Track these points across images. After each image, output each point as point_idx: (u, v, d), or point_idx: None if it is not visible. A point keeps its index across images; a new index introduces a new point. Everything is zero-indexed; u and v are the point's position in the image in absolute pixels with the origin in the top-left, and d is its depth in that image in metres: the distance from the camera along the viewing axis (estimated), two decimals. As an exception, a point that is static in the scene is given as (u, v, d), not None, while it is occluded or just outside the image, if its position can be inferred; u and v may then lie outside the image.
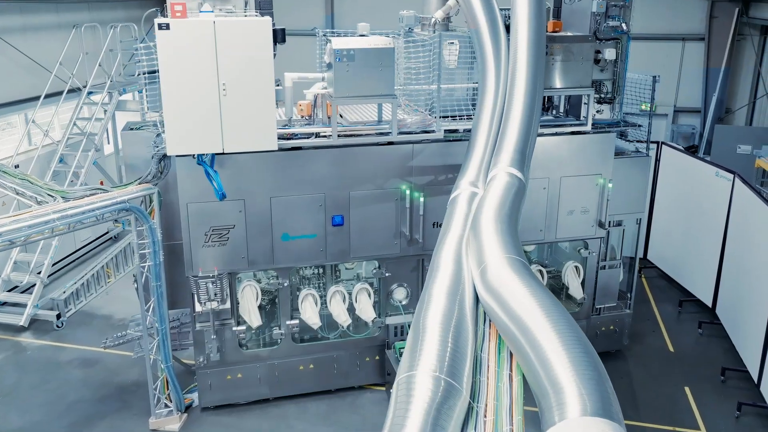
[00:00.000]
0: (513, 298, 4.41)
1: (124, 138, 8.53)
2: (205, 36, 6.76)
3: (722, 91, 16.38)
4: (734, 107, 16.77)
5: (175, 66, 6.80)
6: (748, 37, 16.27)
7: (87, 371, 10.40)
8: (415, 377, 3.91)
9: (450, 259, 5.64)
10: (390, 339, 9.46)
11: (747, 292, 10.08)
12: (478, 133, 7.90)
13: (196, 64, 6.84)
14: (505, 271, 4.78)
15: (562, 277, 9.93)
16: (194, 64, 6.84)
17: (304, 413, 9.32)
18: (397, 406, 3.77)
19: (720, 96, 16.37)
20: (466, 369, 4.06)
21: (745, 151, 15.22)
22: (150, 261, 8.31)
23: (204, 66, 6.86)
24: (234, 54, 6.86)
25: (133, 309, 12.06)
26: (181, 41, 6.73)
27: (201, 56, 6.84)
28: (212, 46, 6.80)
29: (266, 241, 8.59)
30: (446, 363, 3.98)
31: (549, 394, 3.67)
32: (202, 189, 8.20)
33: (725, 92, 16.48)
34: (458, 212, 6.76)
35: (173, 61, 6.79)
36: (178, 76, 6.84)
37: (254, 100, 7.05)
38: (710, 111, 16.26)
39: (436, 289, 5.00)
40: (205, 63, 6.85)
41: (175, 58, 6.78)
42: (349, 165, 8.53)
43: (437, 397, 3.74)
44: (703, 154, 16.07)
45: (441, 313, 4.56)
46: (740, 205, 10.54)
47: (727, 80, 16.36)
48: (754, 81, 16.15)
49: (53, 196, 7.72)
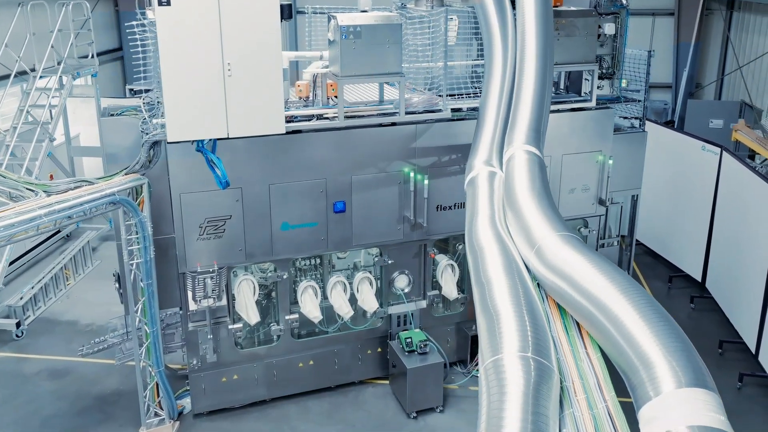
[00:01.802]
0: (581, 276, 4.58)
1: (104, 125, 8.25)
2: (209, 12, 6.61)
3: (692, 67, 17.20)
4: (704, 82, 17.64)
5: (176, 45, 6.63)
6: (717, 12, 17.11)
7: (58, 383, 10.04)
8: (502, 361, 4.02)
9: (491, 239, 5.79)
10: (393, 329, 9.56)
11: (739, 264, 10.71)
12: (486, 111, 8.06)
13: (200, 42, 6.69)
14: (564, 249, 4.95)
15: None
16: (197, 43, 6.68)
17: (306, 413, 9.32)
18: (491, 395, 3.85)
19: (690, 71, 17.18)
20: (550, 346, 4.19)
21: (717, 126, 16.06)
22: (139, 257, 8.09)
23: (208, 44, 6.72)
24: (240, 31, 6.74)
25: (99, 312, 11.76)
26: (182, 18, 6.56)
27: (204, 34, 6.68)
28: (217, 23, 6.66)
29: (264, 232, 8.51)
30: (530, 341, 4.11)
31: (638, 369, 3.84)
32: (195, 178, 8.05)
33: (695, 67, 17.31)
34: (482, 193, 6.91)
35: (174, 40, 6.61)
36: (180, 55, 6.67)
37: (261, 81, 6.96)
38: (681, 86, 17.04)
39: (492, 271, 5.13)
40: (209, 41, 6.71)
41: (177, 36, 6.61)
42: (351, 148, 8.54)
43: (531, 379, 3.85)
44: (676, 129, 16.82)
45: (508, 293, 4.70)
46: (729, 179, 11.15)
47: (697, 55, 17.18)
48: (722, 55, 17.01)
49: (33, 191, 7.39)
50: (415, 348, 9.14)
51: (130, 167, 7.99)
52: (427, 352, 9.14)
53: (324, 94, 8.23)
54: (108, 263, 13.79)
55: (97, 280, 13.09)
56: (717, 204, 11.54)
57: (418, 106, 8.34)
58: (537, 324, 4.31)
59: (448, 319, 9.98)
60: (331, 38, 7.84)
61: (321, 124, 7.97)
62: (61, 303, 12.19)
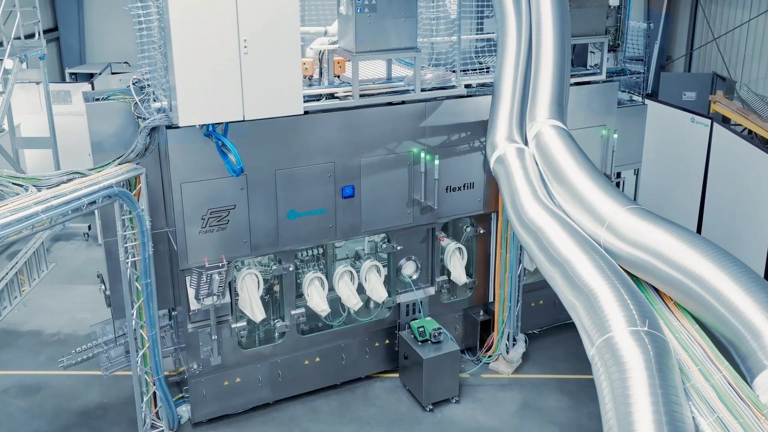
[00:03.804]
0: (668, 248, 4.79)
1: (89, 110, 7.90)
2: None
3: (663, 39, 17.92)
4: (674, 55, 18.42)
5: (188, 20, 6.43)
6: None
7: (31, 400, 9.63)
8: (614, 339, 4.16)
9: (546, 217, 5.95)
10: (402, 319, 9.63)
11: (734, 234, 11.33)
12: (502, 86, 8.22)
13: (214, 16, 6.51)
14: (640, 223, 5.15)
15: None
16: (211, 17, 6.50)
17: (315, 413, 9.30)
18: (610, 374, 3.98)
19: (661, 43, 17.90)
20: (658, 318, 4.36)
21: (690, 98, 16.83)
22: (137, 255, 7.84)
23: (222, 19, 6.55)
24: (257, 3, 6.60)
25: (64, 320, 11.35)
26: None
27: (219, 7, 6.51)
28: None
29: (271, 221, 8.40)
30: (636, 315, 4.28)
31: (746, 339, 4.08)
32: (198, 166, 7.87)
33: (666, 39, 18.05)
34: (515, 170, 7.07)
35: (186, 14, 6.41)
36: (193, 31, 6.48)
37: (279, 57, 6.84)
38: (653, 59, 17.73)
39: (564, 248, 5.28)
40: (224, 15, 6.54)
41: (189, 10, 6.41)
42: (360, 129, 8.53)
43: (650, 353, 4.01)
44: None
45: (594, 269, 4.86)
46: (721, 150, 11.75)
47: (668, 27, 17.91)
48: (691, 28, 17.81)
49: (21, 185, 7.03)
50: (428, 337, 9.24)
51: (124, 156, 7.71)
52: (441, 341, 9.26)
53: (331, 71, 8.17)
54: (63, 266, 13.28)
55: (54, 284, 12.59)
56: (708, 176, 12.13)
57: (432, 82, 8.39)
58: (637, 297, 4.48)
59: (456, 306, 10.13)
60: (342, 12, 7.78)
61: (333, 103, 7.92)
62: (18, 312, 11.65)
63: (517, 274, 9.73)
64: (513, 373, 10.02)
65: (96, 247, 13.98)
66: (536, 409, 9.29)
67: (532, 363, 10.28)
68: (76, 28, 16.44)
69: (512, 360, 10.03)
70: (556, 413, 9.23)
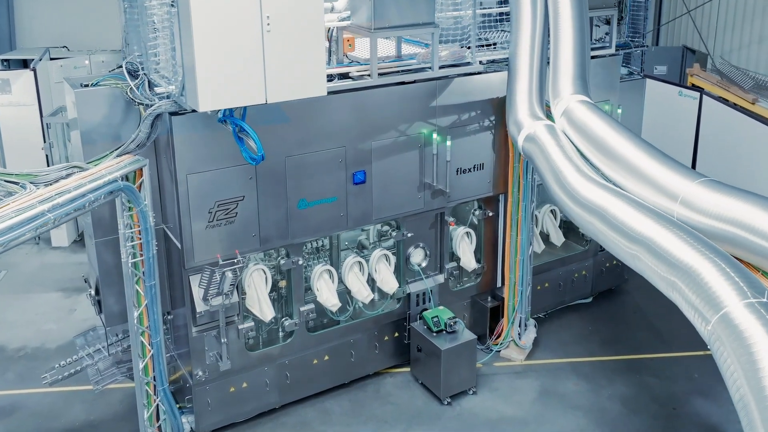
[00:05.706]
0: (752, 218, 4.99)
1: (79, 98, 7.56)
2: (247, -45, 6.27)
3: (631, 11, 18.50)
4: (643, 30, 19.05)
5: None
6: (649, -47, 18.50)
7: (8, 422, 9.21)
8: (730, 315, 4.32)
9: (604, 195, 6.13)
10: (412, 310, 9.67)
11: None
12: (518, 62, 8.35)
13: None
14: (718, 196, 5.33)
15: (540, 224, 10.78)
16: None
17: (328, 415, 9.25)
18: (735, 350, 4.13)
19: (629, 16, 18.48)
20: (764, 286, 4.54)
21: (662, 72, 17.47)
22: (141, 254, 7.58)
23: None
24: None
25: (28, 333, 10.86)
26: (217, -37, 6.17)
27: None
28: (255, -32, 6.33)
29: (280, 212, 8.29)
30: (744, 287, 4.45)
31: None
32: (205, 155, 7.68)
33: (635, 12, 18.63)
34: (551, 149, 7.22)
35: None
36: (213, 8, 6.28)
37: (303, 36, 6.71)
38: (623, 33, 18.29)
39: (640, 226, 5.45)
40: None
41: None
42: (372, 110, 8.50)
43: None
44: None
45: (683, 244, 5.06)
46: (712, 122, 12.27)
47: None
48: (658, 2, 18.46)
49: (17, 183, 6.67)
50: (443, 327, 9.32)
51: (123, 147, 7.43)
52: (456, 331, 9.36)
53: (341, 50, 8.09)
54: (16, 273, 12.68)
55: (9, 294, 12.03)
56: (699, 148, 12.66)
57: (447, 59, 8.43)
58: (738, 267, 4.67)
59: (464, 293, 10.25)
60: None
61: (350, 83, 7.85)
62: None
63: (529, 256, 9.92)
64: (525, 359, 10.23)
65: (49, 251, 13.43)
66: (556, 395, 9.53)
67: (543, 348, 10.53)
68: (5, 11, 15.61)
69: (524, 346, 10.23)
70: (576, 398, 9.49)
